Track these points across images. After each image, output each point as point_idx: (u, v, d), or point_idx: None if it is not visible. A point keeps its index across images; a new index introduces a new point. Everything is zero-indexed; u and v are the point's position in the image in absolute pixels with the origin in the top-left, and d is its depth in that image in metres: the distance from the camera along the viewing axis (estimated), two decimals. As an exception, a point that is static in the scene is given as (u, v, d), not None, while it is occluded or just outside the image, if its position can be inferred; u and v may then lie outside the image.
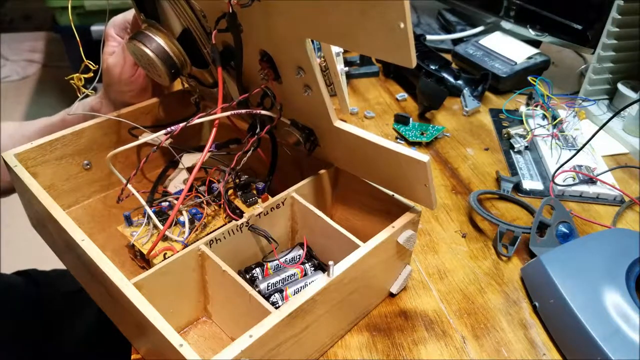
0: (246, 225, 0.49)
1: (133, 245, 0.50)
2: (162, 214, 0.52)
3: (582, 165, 0.69)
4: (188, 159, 0.60)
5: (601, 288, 0.49)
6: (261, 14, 0.41)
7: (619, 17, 0.76)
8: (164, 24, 0.53)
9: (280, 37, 0.42)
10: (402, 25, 0.33)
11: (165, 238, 0.49)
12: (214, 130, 0.46)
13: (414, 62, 0.35)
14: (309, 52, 0.41)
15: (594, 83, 0.83)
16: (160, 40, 0.52)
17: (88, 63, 0.53)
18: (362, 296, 0.49)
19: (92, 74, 0.54)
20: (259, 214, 0.50)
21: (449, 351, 0.49)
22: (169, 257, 0.45)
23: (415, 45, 0.98)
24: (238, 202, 0.51)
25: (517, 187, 0.69)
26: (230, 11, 0.41)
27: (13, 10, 2.78)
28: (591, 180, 0.68)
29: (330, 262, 0.42)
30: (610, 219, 0.65)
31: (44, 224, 0.52)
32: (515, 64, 0.89)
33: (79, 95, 0.55)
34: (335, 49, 0.72)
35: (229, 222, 0.48)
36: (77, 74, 0.54)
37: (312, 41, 0.42)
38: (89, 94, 0.57)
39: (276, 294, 0.47)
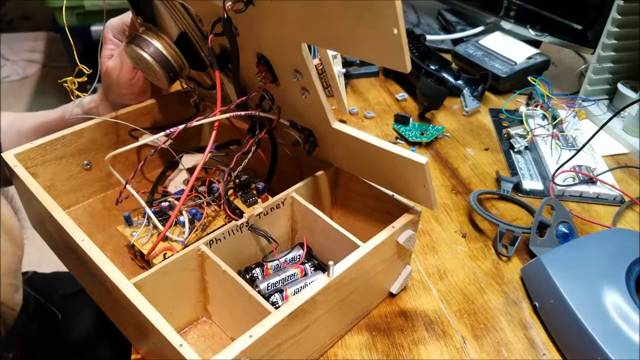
0: (246, 225, 0.49)
1: (133, 246, 0.50)
2: (162, 214, 0.52)
3: (582, 165, 0.69)
4: (188, 160, 0.60)
5: (601, 288, 0.49)
6: (257, 18, 0.41)
7: (619, 17, 0.76)
8: (161, 27, 0.53)
9: (276, 41, 0.42)
10: (395, 32, 0.33)
11: (165, 238, 0.49)
12: (214, 133, 0.46)
13: (408, 67, 0.35)
14: (305, 56, 0.41)
15: (594, 83, 0.83)
16: (157, 44, 0.52)
17: (82, 67, 0.53)
18: (362, 296, 0.49)
19: (85, 78, 0.54)
20: (259, 214, 0.50)
21: (449, 351, 0.49)
22: (169, 257, 0.45)
23: (416, 45, 0.98)
24: (238, 202, 0.51)
25: (517, 187, 0.69)
26: (225, 17, 0.41)
27: (13, 10, 2.78)
28: (591, 180, 0.68)
29: (330, 262, 0.42)
30: (610, 219, 0.65)
31: (44, 224, 0.52)
32: (515, 64, 0.89)
33: (72, 98, 0.55)
34: (331, 52, 0.72)
35: (229, 222, 0.48)
36: (71, 77, 0.54)
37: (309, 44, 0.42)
38: (83, 96, 0.57)
39: (276, 294, 0.47)
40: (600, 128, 0.71)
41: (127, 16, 0.59)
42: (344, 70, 0.81)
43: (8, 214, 0.39)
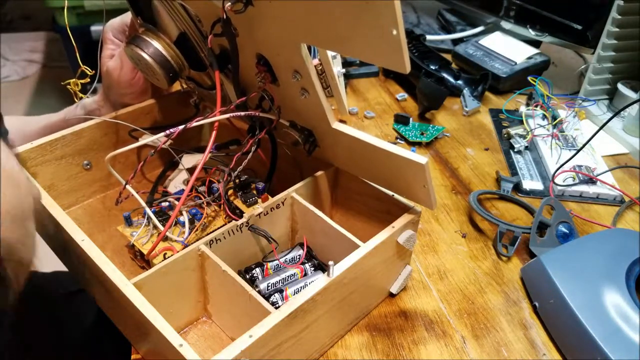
0: (246, 225, 0.49)
1: (133, 246, 0.50)
2: (162, 214, 0.52)
3: (582, 165, 0.69)
4: (188, 160, 0.60)
5: (601, 288, 0.49)
6: (256, 19, 0.41)
7: (619, 17, 0.76)
8: (161, 27, 0.53)
9: (276, 41, 0.42)
10: (394, 32, 0.33)
11: (165, 238, 0.49)
12: (214, 133, 0.46)
13: (407, 68, 0.35)
14: (305, 57, 0.41)
15: (594, 83, 0.83)
16: (157, 44, 0.52)
17: (85, 69, 0.53)
18: (362, 296, 0.49)
19: (88, 79, 0.54)
20: (259, 214, 0.50)
21: (449, 351, 0.49)
22: (169, 257, 0.45)
23: (416, 45, 0.98)
24: (238, 202, 0.51)
25: (517, 187, 0.69)
26: (224, 17, 0.41)
27: (13, 10, 2.78)
28: (591, 180, 0.68)
29: (330, 262, 0.42)
30: (610, 219, 0.65)
31: (44, 224, 0.52)
32: (515, 64, 0.89)
33: (75, 100, 0.55)
34: (331, 52, 0.72)
35: (229, 222, 0.48)
36: (74, 80, 0.54)
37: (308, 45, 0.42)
38: (86, 98, 0.57)
39: (276, 294, 0.47)
40: (600, 128, 0.71)
41: (127, 16, 0.59)
42: (343, 70, 0.81)
43: (9, 159, 0.33)
